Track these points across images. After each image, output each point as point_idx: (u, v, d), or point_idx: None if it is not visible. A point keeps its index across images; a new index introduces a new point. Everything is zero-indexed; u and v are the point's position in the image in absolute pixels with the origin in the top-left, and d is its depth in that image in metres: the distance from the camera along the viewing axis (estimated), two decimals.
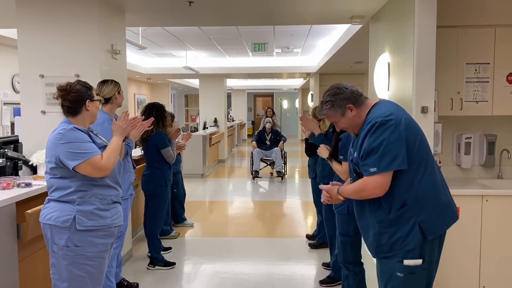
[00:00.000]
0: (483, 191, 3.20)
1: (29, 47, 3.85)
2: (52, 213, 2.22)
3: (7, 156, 3.20)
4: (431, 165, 2.04)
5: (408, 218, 1.98)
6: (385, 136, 1.94)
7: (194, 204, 6.71)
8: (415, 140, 2.00)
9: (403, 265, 2.00)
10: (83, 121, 2.35)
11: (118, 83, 3.38)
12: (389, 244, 2.02)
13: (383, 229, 2.02)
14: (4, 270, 2.49)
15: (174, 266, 4.12)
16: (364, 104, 2.10)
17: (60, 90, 2.32)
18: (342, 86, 2.12)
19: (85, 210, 2.23)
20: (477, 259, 3.20)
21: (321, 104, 2.18)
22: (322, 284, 3.69)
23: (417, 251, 1.99)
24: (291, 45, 8.77)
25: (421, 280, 2.05)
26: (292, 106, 22.37)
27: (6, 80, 6.55)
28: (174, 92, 19.81)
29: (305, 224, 5.84)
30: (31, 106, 3.86)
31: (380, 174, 1.95)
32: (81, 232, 2.21)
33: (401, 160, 1.93)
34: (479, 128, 3.68)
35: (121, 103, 3.42)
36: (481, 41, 3.38)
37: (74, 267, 2.22)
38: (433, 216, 1.99)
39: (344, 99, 2.09)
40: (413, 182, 1.97)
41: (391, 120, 1.95)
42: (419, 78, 3.10)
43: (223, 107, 12.36)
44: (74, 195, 2.23)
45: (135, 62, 10.21)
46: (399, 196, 1.98)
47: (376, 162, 1.95)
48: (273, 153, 9.02)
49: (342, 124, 2.15)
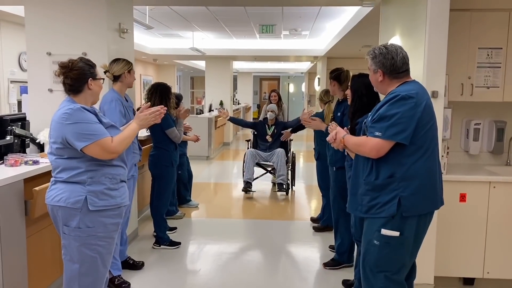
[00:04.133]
0: (491, 177, 3.18)
1: (37, 25, 3.82)
2: (61, 195, 2.19)
3: (15, 133, 3.21)
4: (432, 152, 2.15)
5: (392, 189, 2.10)
6: (402, 109, 2.06)
7: (199, 186, 6.74)
8: (427, 124, 2.10)
9: (380, 234, 2.13)
10: (85, 100, 2.29)
11: (131, 62, 3.38)
12: (367, 206, 2.18)
13: (367, 191, 2.18)
14: (13, 246, 2.51)
15: (179, 246, 4.16)
16: (396, 79, 2.19)
17: (62, 67, 2.25)
18: (392, 52, 2.17)
19: (96, 190, 2.20)
20: (483, 245, 3.20)
21: (369, 50, 2.24)
22: (326, 266, 3.72)
23: (396, 223, 2.09)
24: (299, 28, 8.66)
25: (397, 253, 2.15)
26: (299, 90, 22.24)
27: (13, 58, 6.54)
28: (180, 74, 19.73)
29: (309, 207, 5.86)
30: (38, 84, 3.85)
31: (382, 139, 2.07)
32: (92, 212, 2.19)
33: (406, 135, 2.05)
34: (489, 114, 3.64)
35: (131, 83, 3.41)
36: (494, 25, 3.31)
37: (85, 248, 2.21)
38: (414, 196, 2.09)
39: (381, 63, 2.18)
40: (408, 159, 2.09)
41: (413, 98, 2.07)
42: (430, 62, 3.05)
43: (229, 90, 12.31)
44: (84, 176, 2.19)
45: (141, 42, 10.14)
46: (390, 166, 2.11)
47: (383, 129, 2.08)
48: (274, 155, 6.16)
49: (371, 78, 2.27)
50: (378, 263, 2.16)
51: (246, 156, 6.26)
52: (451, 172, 3.23)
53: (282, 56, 11.58)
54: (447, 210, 3.17)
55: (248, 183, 6.11)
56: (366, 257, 2.21)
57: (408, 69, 2.22)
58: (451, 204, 3.17)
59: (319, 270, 3.73)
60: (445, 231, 3.18)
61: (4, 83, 6.34)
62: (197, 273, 3.63)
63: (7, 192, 2.45)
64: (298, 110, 20.33)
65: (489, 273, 3.22)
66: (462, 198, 3.18)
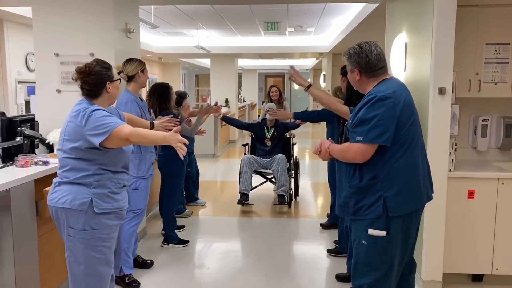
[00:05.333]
0: (499, 174, 3.17)
1: (44, 26, 3.85)
2: (66, 197, 2.20)
3: (25, 134, 3.24)
4: (415, 148, 2.15)
5: (376, 190, 2.11)
6: (380, 111, 2.05)
7: (206, 184, 6.76)
8: (407, 122, 2.11)
9: (367, 234, 2.15)
10: (103, 102, 2.32)
11: (144, 62, 3.40)
12: (353, 208, 2.19)
13: (352, 194, 2.19)
14: (25, 246, 2.55)
15: (187, 244, 4.19)
16: (374, 77, 2.20)
17: (79, 73, 2.26)
18: (366, 50, 2.18)
19: (101, 193, 2.23)
20: (491, 241, 3.19)
21: (346, 50, 2.28)
22: (329, 253, 3.94)
23: (382, 223, 2.11)
24: (305, 24, 8.64)
25: (385, 252, 2.16)
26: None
27: (20, 59, 6.58)
28: (185, 72, 19.75)
29: (315, 204, 5.87)
30: (47, 85, 3.89)
31: (364, 144, 2.08)
32: (97, 215, 2.21)
33: (387, 137, 2.05)
34: (497, 110, 3.62)
35: (145, 83, 3.44)
36: (502, 21, 3.29)
37: (91, 249, 2.24)
38: (398, 196, 2.10)
39: (356, 63, 2.20)
40: (390, 159, 2.09)
41: (390, 98, 2.06)
42: (437, 58, 3.05)
43: (234, 88, 12.31)
44: (91, 178, 2.21)
45: (146, 41, 10.16)
46: (373, 168, 2.12)
47: (363, 133, 2.08)
48: (274, 162, 5.32)
49: (349, 78, 2.31)
50: (368, 262, 2.19)
51: (242, 164, 5.38)
52: (459, 168, 3.23)
53: (287, 53, 11.56)
54: (456, 207, 3.17)
55: (245, 194, 5.22)
56: (356, 257, 2.24)
57: (385, 65, 2.22)
58: (460, 201, 3.17)
59: (327, 267, 3.75)
60: (453, 227, 3.18)
61: (11, 83, 6.39)
62: (206, 271, 3.66)
63: (19, 193, 2.48)
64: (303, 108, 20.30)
65: (498, 270, 3.22)
66: (471, 194, 3.17)
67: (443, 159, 3.10)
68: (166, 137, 2.13)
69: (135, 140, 2.18)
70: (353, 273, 2.28)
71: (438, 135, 3.09)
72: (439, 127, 3.08)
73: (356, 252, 2.24)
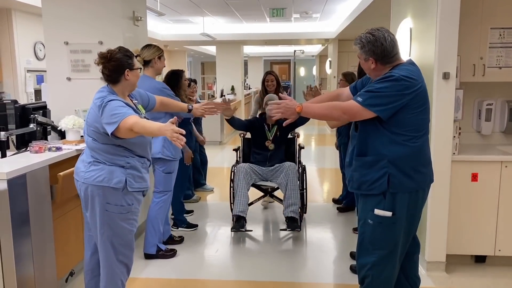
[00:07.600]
0: (503, 157, 3.21)
1: (54, 15, 3.91)
2: (103, 175, 2.33)
3: (37, 121, 3.33)
4: (423, 135, 2.20)
5: (382, 167, 2.17)
6: (389, 85, 2.09)
7: (213, 170, 6.84)
8: (418, 108, 2.14)
9: (373, 214, 2.21)
10: (123, 89, 2.41)
11: (162, 49, 3.47)
12: (358, 182, 2.25)
13: (357, 167, 2.26)
14: (42, 229, 2.65)
15: (196, 228, 4.29)
16: (390, 64, 2.21)
17: (101, 58, 2.35)
18: (380, 38, 2.17)
19: (133, 174, 2.40)
20: (494, 223, 3.25)
21: (356, 38, 2.26)
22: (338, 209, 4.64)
23: (388, 203, 2.17)
24: (310, 10, 8.61)
25: (390, 232, 2.22)
26: (310, 73, 22.11)
27: (28, 48, 6.65)
28: (191, 60, 19.74)
29: (328, 189, 5.94)
30: (57, 73, 3.96)
31: (360, 104, 2.10)
32: (130, 193, 2.39)
33: (384, 109, 2.09)
34: (501, 95, 3.65)
35: (161, 70, 3.51)
36: (506, 5, 3.30)
37: (126, 223, 2.43)
38: (402, 175, 2.15)
39: (371, 52, 2.19)
40: (398, 139, 2.14)
41: (406, 81, 2.09)
42: (442, 43, 3.07)
43: (240, 75, 12.33)
44: (122, 161, 2.36)
45: (152, 28, 10.18)
46: (381, 148, 2.16)
47: (365, 96, 2.11)
48: (282, 172, 4.02)
49: (363, 66, 2.29)
50: (373, 241, 2.25)
51: (236, 175, 4.05)
52: (463, 152, 3.27)
53: (292, 39, 11.53)
54: (459, 189, 3.22)
55: (240, 218, 3.88)
56: (361, 236, 2.31)
57: (399, 51, 2.23)
58: (463, 184, 3.22)
59: (343, 251, 3.81)
60: (457, 210, 3.24)
61: (21, 72, 6.48)
62: (214, 253, 3.76)
63: (34, 178, 2.57)
64: None
65: (501, 251, 3.28)
66: (474, 177, 3.22)
67: (447, 142, 3.14)
68: (161, 128, 2.11)
69: (137, 130, 2.21)
70: (358, 252, 2.35)
71: (442, 119, 3.13)
72: (443, 111, 3.12)
73: (361, 231, 2.31)
